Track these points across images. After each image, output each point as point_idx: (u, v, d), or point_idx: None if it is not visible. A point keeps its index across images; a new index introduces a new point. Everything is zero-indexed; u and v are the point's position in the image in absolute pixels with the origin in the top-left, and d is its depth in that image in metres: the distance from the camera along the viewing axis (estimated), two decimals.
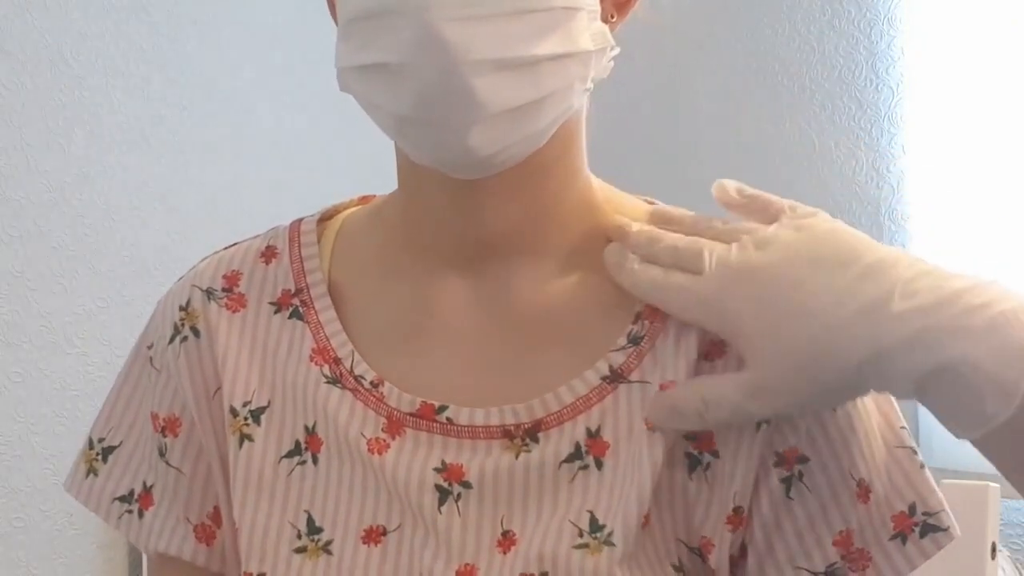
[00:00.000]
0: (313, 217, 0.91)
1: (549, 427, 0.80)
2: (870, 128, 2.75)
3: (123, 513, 0.88)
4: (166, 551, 0.86)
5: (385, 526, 0.80)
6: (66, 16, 2.18)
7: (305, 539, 0.81)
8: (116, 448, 0.89)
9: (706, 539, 0.80)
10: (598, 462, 0.79)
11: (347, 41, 0.76)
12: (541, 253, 0.83)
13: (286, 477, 0.82)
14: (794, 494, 0.79)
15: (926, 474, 0.82)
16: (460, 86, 0.72)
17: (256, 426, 0.83)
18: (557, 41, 0.74)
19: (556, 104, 0.76)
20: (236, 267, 0.88)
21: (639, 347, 0.81)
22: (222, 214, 2.40)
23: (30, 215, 2.12)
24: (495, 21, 0.72)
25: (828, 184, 2.79)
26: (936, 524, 0.81)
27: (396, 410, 0.81)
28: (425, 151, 0.77)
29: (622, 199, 0.88)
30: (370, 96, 0.76)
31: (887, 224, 2.74)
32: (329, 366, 0.83)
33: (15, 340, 2.09)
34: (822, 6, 2.79)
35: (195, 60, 2.38)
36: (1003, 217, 2.52)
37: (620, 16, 0.82)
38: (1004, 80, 2.51)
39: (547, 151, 0.79)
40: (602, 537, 0.77)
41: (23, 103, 2.11)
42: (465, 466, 0.80)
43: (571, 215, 0.84)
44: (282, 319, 0.86)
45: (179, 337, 0.86)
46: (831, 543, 0.79)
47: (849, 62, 2.77)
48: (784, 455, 0.79)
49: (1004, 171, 2.51)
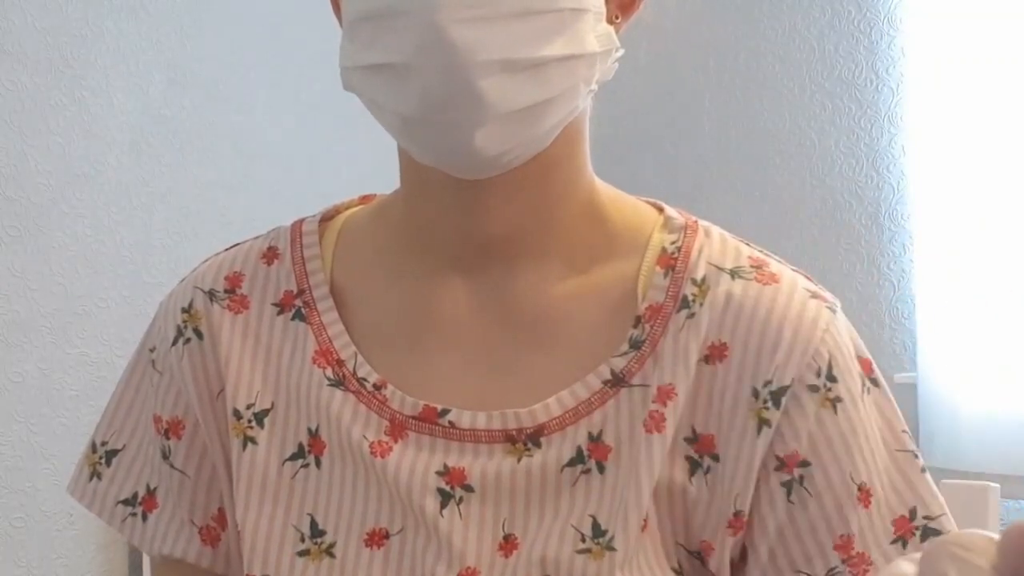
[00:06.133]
0: (314, 217, 0.90)
1: (551, 431, 0.80)
2: (870, 128, 2.75)
3: (126, 516, 0.88)
4: (170, 553, 0.86)
5: (387, 529, 0.80)
6: (66, 16, 2.17)
7: (308, 542, 0.81)
8: (119, 452, 0.89)
9: (706, 543, 0.80)
10: (600, 466, 0.79)
11: (352, 41, 0.76)
12: (544, 255, 0.83)
13: (289, 480, 0.82)
14: (795, 498, 0.79)
15: (927, 478, 0.82)
16: (466, 87, 0.71)
17: (259, 429, 0.83)
18: (563, 42, 0.74)
19: (562, 105, 0.76)
20: (238, 268, 0.88)
21: (640, 351, 0.81)
22: (222, 214, 2.40)
23: (30, 215, 2.12)
24: (501, 22, 0.72)
25: (828, 184, 2.79)
26: (937, 528, 0.80)
27: (399, 413, 0.81)
28: (430, 151, 0.77)
29: (626, 201, 0.87)
30: (375, 96, 0.76)
31: (887, 224, 2.74)
32: (332, 368, 0.83)
33: (15, 340, 2.09)
34: (822, 6, 2.79)
35: (195, 60, 2.38)
36: (1003, 217, 2.52)
37: (624, 17, 0.82)
38: (1004, 80, 2.51)
39: (551, 152, 0.79)
40: (604, 542, 0.77)
41: (23, 103, 2.11)
42: (467, 469, 0.80)
43: (574, 216, 0.84)
44: (285, 321, 0.86)
45: (182, 339, 0.86)
46: (832, 547, 0.79)
47: (849, 62, 2.77)
48: (785, 459, 0.79)
49: (1004, 171, 2.51)
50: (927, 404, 2.61)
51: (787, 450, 0.79)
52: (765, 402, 0.79)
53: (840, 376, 0.80)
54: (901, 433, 0.83)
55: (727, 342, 0.80)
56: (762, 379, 0.79)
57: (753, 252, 0.85)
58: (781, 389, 0.79)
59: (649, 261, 0.84)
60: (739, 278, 0.82)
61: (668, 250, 0.84)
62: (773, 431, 0.79)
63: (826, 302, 0.83)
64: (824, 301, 0.83)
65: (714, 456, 0.80)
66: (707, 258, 0.83)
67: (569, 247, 0.83)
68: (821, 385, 0.79)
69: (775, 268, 0.84)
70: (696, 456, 0.80)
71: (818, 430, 0.80)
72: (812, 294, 0.83)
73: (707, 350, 0.81)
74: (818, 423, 0.80)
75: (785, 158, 2.83)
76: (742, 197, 2.87)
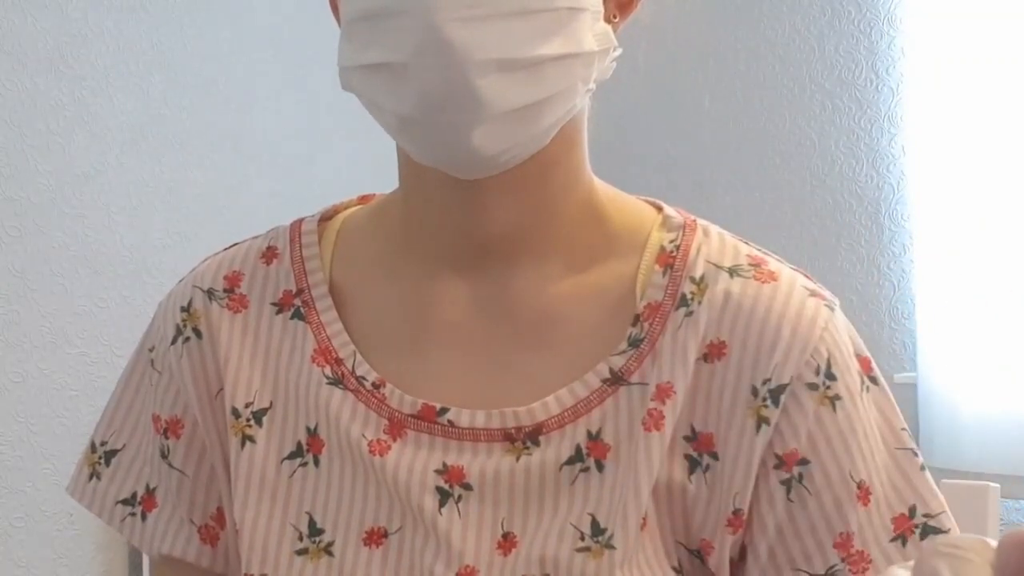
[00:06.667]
0: (314, 217, 0.90)
1: (550, 430, 0.80)
2: (870, 128, 2.75)
3: (126, 516, 0.88)
4: (170, 553, 0.86)
5: (386, 528, 0.80)
6: (66, 16, 2.18)
7: (306, 541, 0.81)
8: (119, 451, 0.89)
9: (706, 541, 0.80)
10: (599, 464, 0.79)
11: (350, 40, 0.76)
12: (542, 254, 0.83)
13: (288, 479, 0.82)
14: (794, 496, 0.79)
15: (927, 476, 0.82)
16: (464, 86, 0.71)
17: (258, 427, 0.83)
18: (561, 42, 0.74)
19: (559, 104, 0.76)
20: (237, 268, 0.88)
21: (639, 349, 0.81)
22: (222, 214, 2.40)
23: (30, 215, 2.12)
24: (499, 21, 0.72)
25: (828, 184, 2.79)
26: (937, 526, 0.80)
27: (397, 412, 0.81)
28: (428, 151, 0.77)
29: (624, 200, 0.87)
30: (373, 96, 0.76)
31: (887, 224, 2.74)
32: (331, 367, 0.83)
33: (15, 340, 2.09)
34: (822, 6, 2.79)
35: (195, 60, 2.38)
36: (1003, 217, 2.52)
37: (622, 17, 0.82)
38: (1004, 80, 2.51)
39: (549, 151, 0.79)
40: (603, 541, 0.77)
41: (23, 103, 2.11)
42: (466, 468, 0.80)
43: (573, 216, 0.84)
44: (284, 320, 0.86)
45: (181, 338, 0.86)
46: (831, 545, 0.79)
47: (849, 62, 2.77)
48: (784, 457, 0.79)
49: (1004, 171, 2.52)
50: (927, 404, 2.61)
51: (786, 448, 0.79)
52: (764, 400, 0.79)
53: (839, 374, 0.80)
54: (900, 431, 0.83)
55: (726, 340, 0.80)
56: (761, 377, 0.79)
57: (752, 250, 0.85)
58: (780, 387, 0.79)
59: (648, 260, 0.84)
60: (738, 276, 0.82)
61: (667, 249, 0.84)
62: (772, 429, 0.79)
63: (825, 300, 0.83)
64: (823, 299, 0.83)
65: (713, 454, 0.80)
66: (706, 256, 0.83)
67: (568, 246, 0.83)
68: (820, 383, 0.80)
69: (774, 266, 0.84)
70: (695, 454, 0.80)
71: (817, 428, 0.80)
72: (811, 292, 0.83)
73: (706, 348, 0.81)
74: (817, 421, 0.80)
75: (785, 158, 2.83)
76: (742, 197, 2.87)
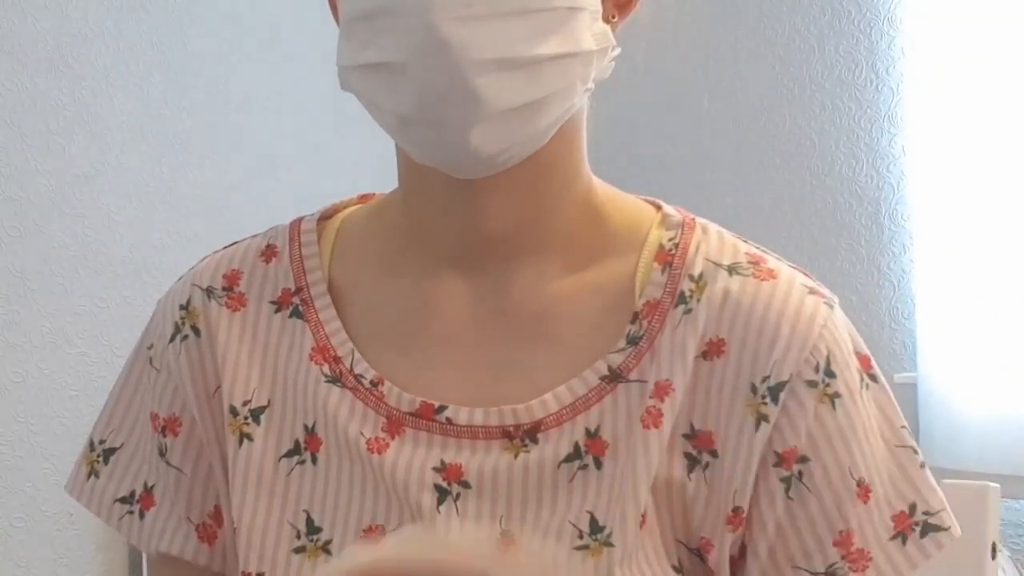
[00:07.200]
0: (313, 216, 0.90)
1: (548, 428, 0.80)
2: (870, 128, 2.75)
3: (124, 514, 0.88)
4: (167, 551, 0.86)
5: (384, 526, 0.80)
6: (66, 16, 2.18)
7: (304, 539, 0.81)
8: (117, 450, 0.89)
9: (705, 539, 0.80)
10: (597, 462, 0.79)
11: (349, 40, 0.76)
12: (541, 252, 0.83)
13: (285, 477, 0.82)
14: (794, 494, 0.79)
15: (927, 473, 0.82)
16: (462, 86, 0.72)
17: (256, 425, 0.83)
18: (559, 41, 0.74)
19: (558, 104, 0.76)
20: (236, 266, 0.88)
21: (638, 347, 0.81)
22: (222, 214, 2.40)
23: (30, 215, 2.12)
24: (497, 21, 0.72)
25: (828, 184, 2.79)
26: (937, 524, 0.80)
27: (396, 409, 0.81)
28: (427, 151, 0.77)
29: (623, 199, 0.87)
30: (372, 95, 0.76)
31: (887, 224, 2.74)
32: (329, 365, 0.83)
33: (15, 340, 2.10)
34: (822, 6, 2.79)
35: (195, 60, 2.38)
36: (1003, 217, 2.52)
37: (621, 16, 0.82)
38: (1004, 80, 2.51)
39: (548, 151, 0.79)
40: (602, 538, 0.77)
41: (23, 103, 2.11)
42: (464, 466, 0.79)
43: (572, 214, 0.84)
44: (282, 318, 0.86)
45: (180, 336, 0.87)
46: (831, 543, 0.79)
47: (849, 62, 2.77)
48: (784, 455, 0.79)
49: (1004, 171, 2.52)
50: (927, 404, 2.60)
51: (786, 446, 0.79)
52: (763, 398, 0.79)
53: (838, 372, 0.80)
54: (900, 429, 0.83)
55: (725, 338, 0.80)
56: (760, 375, 0.79)
57: (751, 248, 0.85)
58: (779, 385, 0.79)
59: (647, 258, 0.84)
60: (737, 274, 0.82)
61: (666, 247, 0.84)
62: (771, 427, 0.79)
63: (824, 298, 0.83)
64: (822, 297, 0.83)
65: (712, 452, 0.80)
66: (704, 254, 0.83)
67: (567, 245, 0.83)
68: (819, 381, 0.79)
69: (773, 264, 0.84)
70: (695, 452, 0.80)
71: (817, 426, 0.80)
72: (810, 290, 0.83)
73: (705, 346, 0.81)
74: (816, 419, 0.80)
75: (785, 158, 2.83)
76: (742, 197, 2.87)
